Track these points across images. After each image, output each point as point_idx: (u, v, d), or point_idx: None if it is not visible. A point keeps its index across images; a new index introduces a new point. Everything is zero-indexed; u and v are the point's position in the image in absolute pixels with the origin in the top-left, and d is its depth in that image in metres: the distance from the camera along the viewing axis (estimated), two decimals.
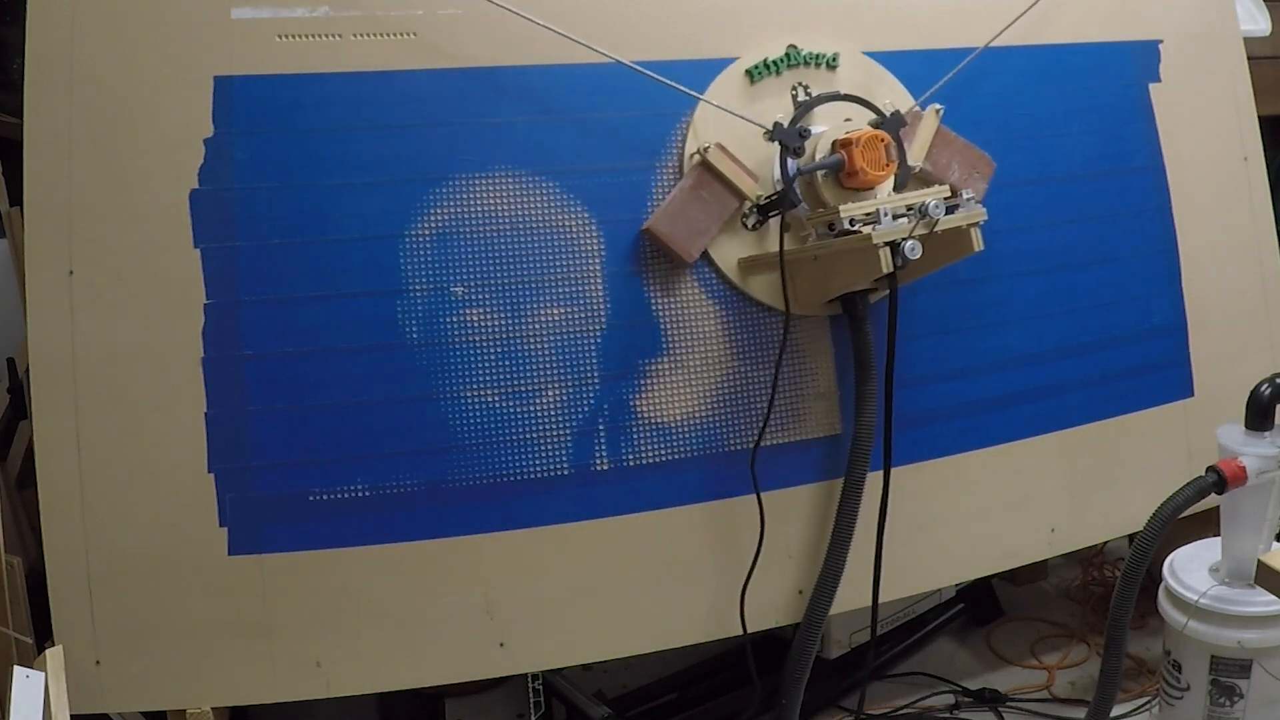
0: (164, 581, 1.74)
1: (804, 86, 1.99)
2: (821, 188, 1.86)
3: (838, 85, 2.00)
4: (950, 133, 2.04)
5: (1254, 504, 1.86)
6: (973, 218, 1.79)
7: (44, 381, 1.71)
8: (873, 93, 2.00)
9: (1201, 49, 2.31)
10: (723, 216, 1.90)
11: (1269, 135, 2.41)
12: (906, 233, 1.73)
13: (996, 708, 2.22)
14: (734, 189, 1.90)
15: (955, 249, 1.81)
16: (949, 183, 2.00)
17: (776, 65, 1.98)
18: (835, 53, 2.01)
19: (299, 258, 1.78)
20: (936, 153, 2.02)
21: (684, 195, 1.89)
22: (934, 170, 2.01)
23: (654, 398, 1.90)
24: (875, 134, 1.82)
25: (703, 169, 1.89)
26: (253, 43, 1.77)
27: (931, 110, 2.02)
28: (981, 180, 2.06)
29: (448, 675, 1.86)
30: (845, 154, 1.81)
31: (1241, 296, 2.31)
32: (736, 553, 1.93)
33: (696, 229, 1.89)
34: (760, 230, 1.94)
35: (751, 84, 1.96)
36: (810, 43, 2.00)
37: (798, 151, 1.88)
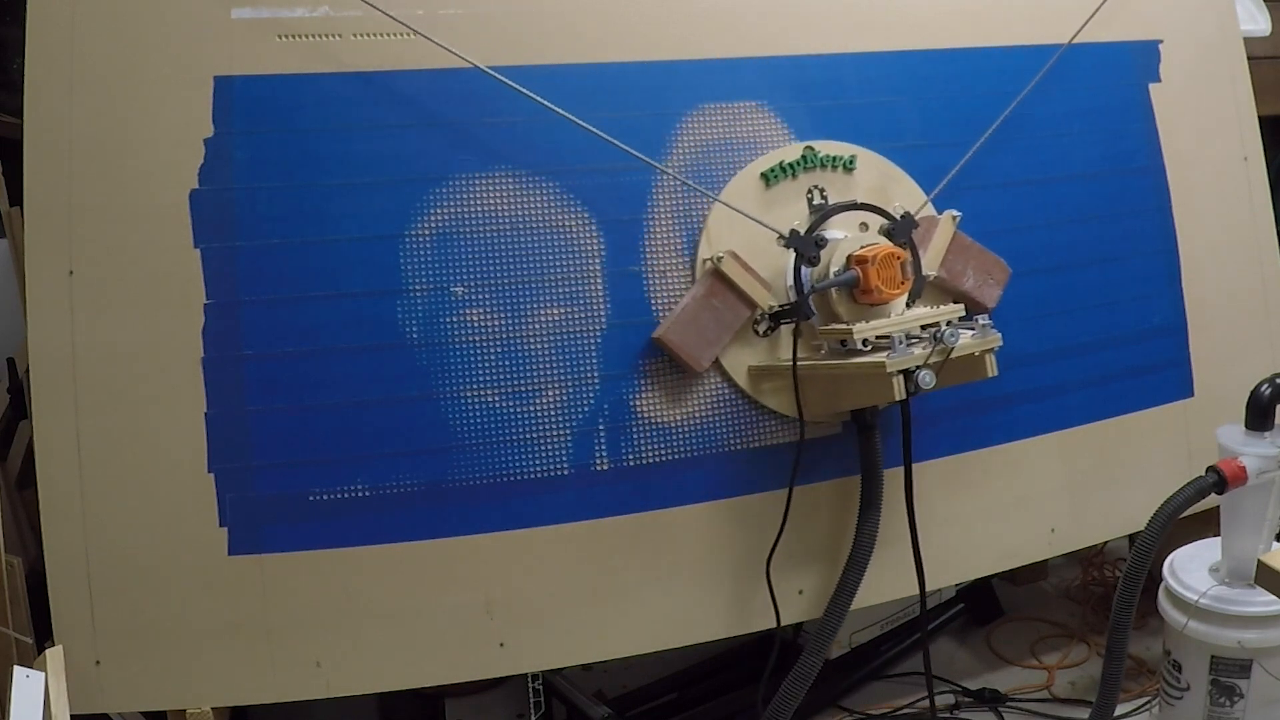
0: (164, 581, 1.74)
1: (820, 190, 1.98)
2: (835, 302, 1.85)
3: (854, 187, 2.00)
4: (965, 238, 2.03)
5: (1254, 504, 1.86)
6: (987, 344, 1.78)
7: (44, 381, 1.71)
8: (888, 193, 2.00)
9: (1201, 49, 2.31)
10: (734, 326, 1.89)
11: (1269, 135, 2.41)
12: (921, 360, 1.72)
13: (996, 708, 2.22)
14: (747, 299, 1.89)
15: (969, 371, 1.81)
16: (963, 290, 2.01)
17: (793, 168, 1.97)
18: (853, 155, 2.00)
19: (299, 258, 1.78)
20: (951, 259, 2.01)
21: (696, 304, 1.87)
22: (948, 277, 2.00)
23: (654, 398, 1.90)
24: (891, 251, 1.81)
25: (715, 278, 1.88)
26: (253, 43, 1.77)
27: (948, 216, 2.01)
28: (996, 286, 2.05)
29: (448, 675, 1.86)
30: (860, 271, 1.80)
31: (1241, 296, 2.31)
32: (736, 552, 1.94)
33: (708, 338, 1.87)
34: (771, 336, 1.94)
35: (767, 187, 1.95)
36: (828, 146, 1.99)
37: (813, 260, 1.87)
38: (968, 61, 2.11)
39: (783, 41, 2.01)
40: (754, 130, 1.97)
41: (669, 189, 1.92)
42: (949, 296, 2.01)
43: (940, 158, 2.07)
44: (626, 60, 1.92)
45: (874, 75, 2.06)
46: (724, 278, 1.88)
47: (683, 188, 1.92)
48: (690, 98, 1.94)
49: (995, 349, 1.79)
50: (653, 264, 1.91)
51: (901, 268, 1.82)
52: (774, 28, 2.01)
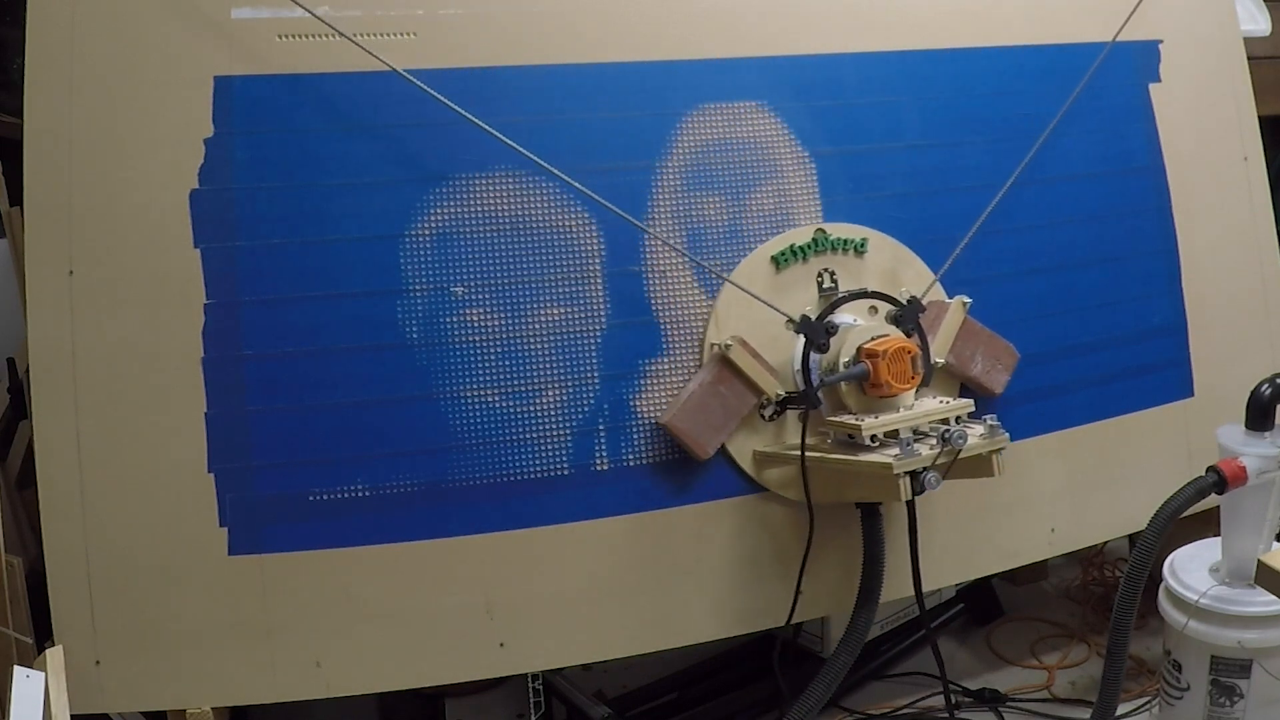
0: (164, 581, 1.73)
1: (830, 273, 1.97)
2: (844, 392, 1.85)
3: (865, 269, 1.99)
4: (975, 324, 2.03)
5: (1254, 504, 1.86)
6: (995, 445, 1.78)
7: (44, 381, 1.71)
8: (898, 276, 2.00)
9: (1201, 49, 2.31)
10: (741, 413, 1.89)
11: (1269, 135, 2.41)
12: (928, 462, 1.72)
13: (996, 708, 2.22)
14: (754, 387, 1.88)
15: (974, 469, 1.81)
16: (972, 375, 2.01)
17: (803, 251, 1.96)
18: (864, 238, 1.99)
19: (299, 258, 1.78)
20: (960, 345, 2.01)
21: (703, 391, 1.87)
22: (957, 363, 2.00)
23: (654, 398, 1.90)
24: (902, 346, 1.81)
25: (722, 365, 1.87)
26: (253, 43, 1.77)
27: (958, 302, 2.01)
28: (1004, 372, 2.05)
29: (448, 675, 1.86)
30: (871, 365, 1.80)
31: (1241, 296, 2.31)
32: (736, 552, 1.94)
33: (714, 425, 1.87)
34: (778, 420, 1.93)
35: (777, 271, 1.94)
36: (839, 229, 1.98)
37: (823, 347, 1.87)
38: (969, 61, 2.11)
39: (783, 41, 2.01)
40: (754, 131, 1.97)
41: (669, 189, 1.92)
42: (957, 382, 2.02)
43: (941, 158, 2.07)
44: (626, 60, 1.92)
45: (875, 75, 2.06)
46: (732, 365, 1.87)
47: (683, 188, 1.92)
48: (690, 98, 1.94)
49: (1003, 449, 1.80)
50: (653, 264, 1.91)
51: (912, 362, 1.82)
52: (774, 28, 2.01)
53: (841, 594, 1.98)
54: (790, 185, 1.99)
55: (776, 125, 1.99)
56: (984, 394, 2.03)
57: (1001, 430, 1.80)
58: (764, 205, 1.97)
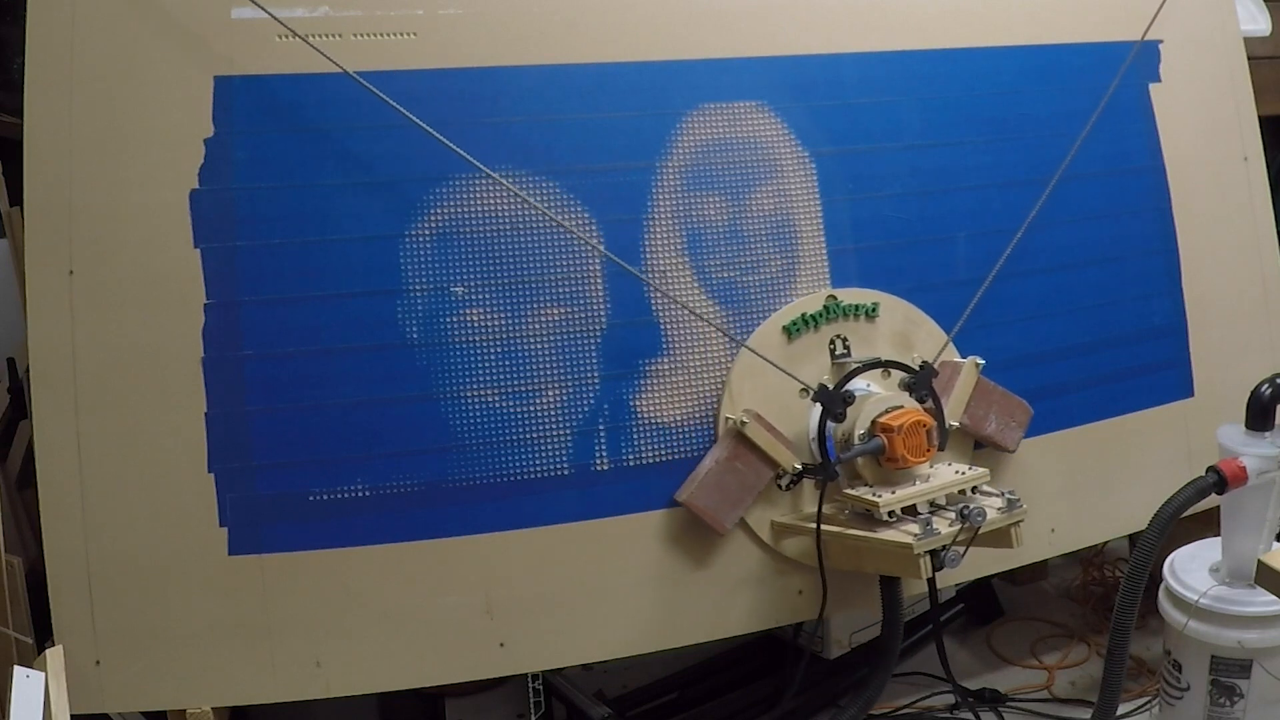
0: (164, 581, 1.73)
1: (843, 339, 1.97)
2: (860, 465, 1.85)
3: (877, 333, 1.99)
4: (988, 383, 2.03)
5: (1254, 504, 1.86)
6: (1014, 519, 1.79)
7: (44, 381, 1.71)
8: (910, 338, 2.01)
9: (1201, 49, 2.31)
10: (758, 487, 1.89)
11: (1269, 135, 2.41)
12: (948, 540, 1.72)
13: (996, 708, 2.22)
14: (771, 461, 1.89)
15: (994, 541, 1.81)
16: (986, 434, 2.01)
17: (815, 320, 1.96)
18: (875, 303, 1.99)
19: (299, 258, 1.78)
20: (974, 405, 2.01)
21: (719, 467, 1.87)
22: (971, 423, 2.01)
23: (654, 398, 1.90)
24: (918, 420, 1.81)
25: (738, 441, 1.87)
26: (253, 43, 1.77)
27: (970, 363, 2.01)
28: (1018, 429, 2.05)
29: (448, 675, 1.86)
30: (886, 439, 1.80)
31: (1241, 296, 2.31)
32: (737, 553, 1.93)
33: (731, 500, 1.87)
34: (794, 489, 1.94)
35: (789, 341, 1.94)
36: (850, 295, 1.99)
37: (840, 417, 1.87)
38: (969, 61, 2.11)
39: (783, 41, 2.01)
40: (754, 131, 1.97)
41: (669, 189, 1.92)
42: (970, 439, 2.03)
43: (941, 158, 2.07)
44: (626, 60, 1.92)
45: (875, 75, 2.06)
46: (748, 440, 1.87)
47: (684, 188, 1.92)
48: (690, 98, 1.94)
49: (1021, 522, 1.80)
50: (653, 264, 1.91)
51: (927, 435, 1.82)
52: (774, 27, 2.01)
53: (843, 594, 1.97)
54: (790, 186, 1.99)
55: (776, 125, 1.99)
56: (999, 450, 2.04)
57: (1020, 504, 1.80)
58: (764, 207, 1.97)
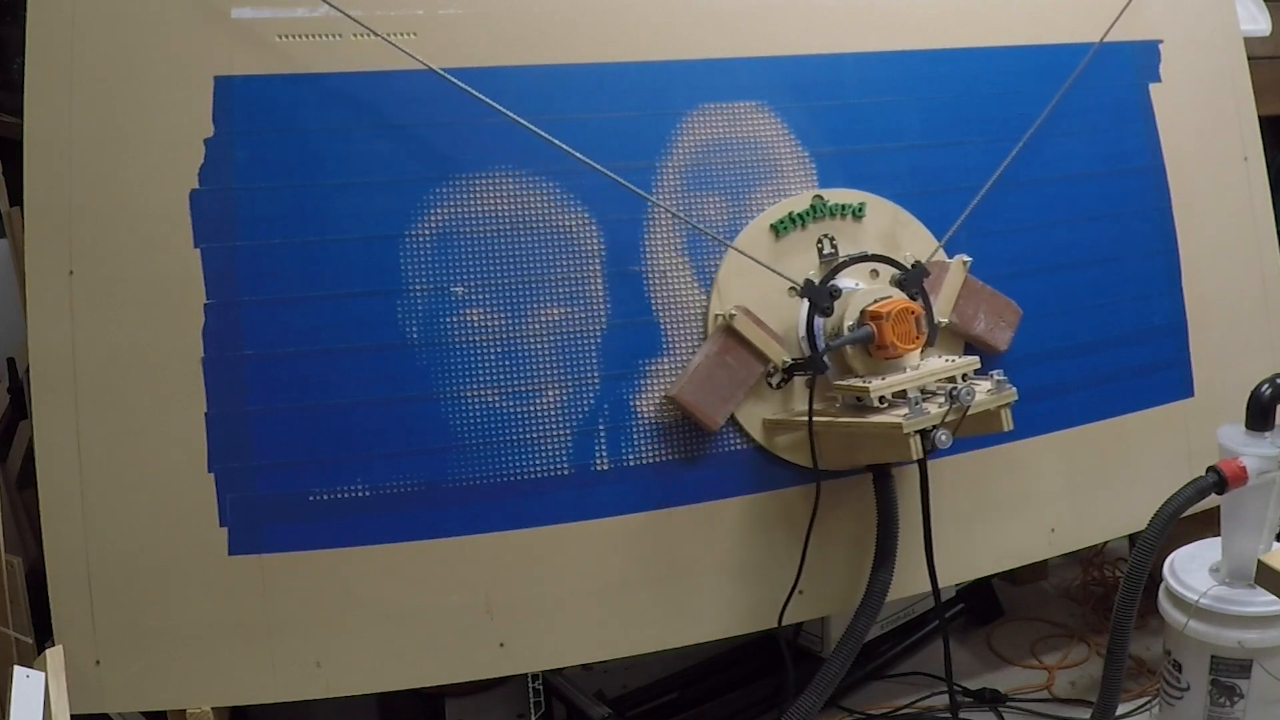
0: (164, 581, 1.73)
1: (830, 239, 1.97)
2: (850, 355, 1.85)
3: (864, 234, 1.99)
4: (976, 282, 2.03)
5: (1254, 504, 1.85)
6: (1003, 400, 1.79)
7: (44, 381, 1.71)
8: (898, 239, 2.00)
9: (1201, 49, 2.31)
10: (749, 382, 1.89)
11: (1269, 135, 2.41)
12: (937, 420, 1.72)
13: (996, 708, 2.22)
14: (760, 355, 1.89)
15: (984, 425, 1.81)
16: (975, 334, 2.01)
17: (802, 218, 1.96)
18: (862, 202, 1.99)
19: (299, 258, 1.78)
20: (963, 304, 2.01)
21: (709, 362, 1.87)
22: (960, 322, 2.00)
23: (654, 398, 1.90)
24: (906, 306, 1.81)
25: (728, 335, 1.87)
26: (253, 43, 1.77)
27: (958, 261, 2.01)
28: (1008, 329, 2.05)
29: (448, 675, 1.86)
30: (875, 327, 1.81)
31: (1241, 296, 2.31)
32: (736, 552, 1.94)
33: (722, 396, 1.87)
34: (785, 388, 1.93)
35: (776, 239, 1.95)
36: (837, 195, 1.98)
37: (827, 311, 1.87)
38: (970, 61, 2.11)
39: (783, 41, 2.01)
40: (754, 131, 1.97)
41: (669, 189, 1.92)
42: (961, 340, 2.02)
43: (941, 158, 2.07)
44: (627, 60, 1.92)
45: (875, 75, 2.06)
46: (737, 334, 1.87)
47: (683, 188, 1.92)
48: (691, 97, 1.94)
49: (1011, 403, 1.80)
50: (653, 264, 1.91)
51: (916, 322, 1.82)
52: (774, 28, 2.01)
53: (844, 594, 1.98)
54: (790, 186, 1.98)
55: (776, 125, 1.99)
56: (989, 352, 2.03)
57: (1009, 385, 1.80)
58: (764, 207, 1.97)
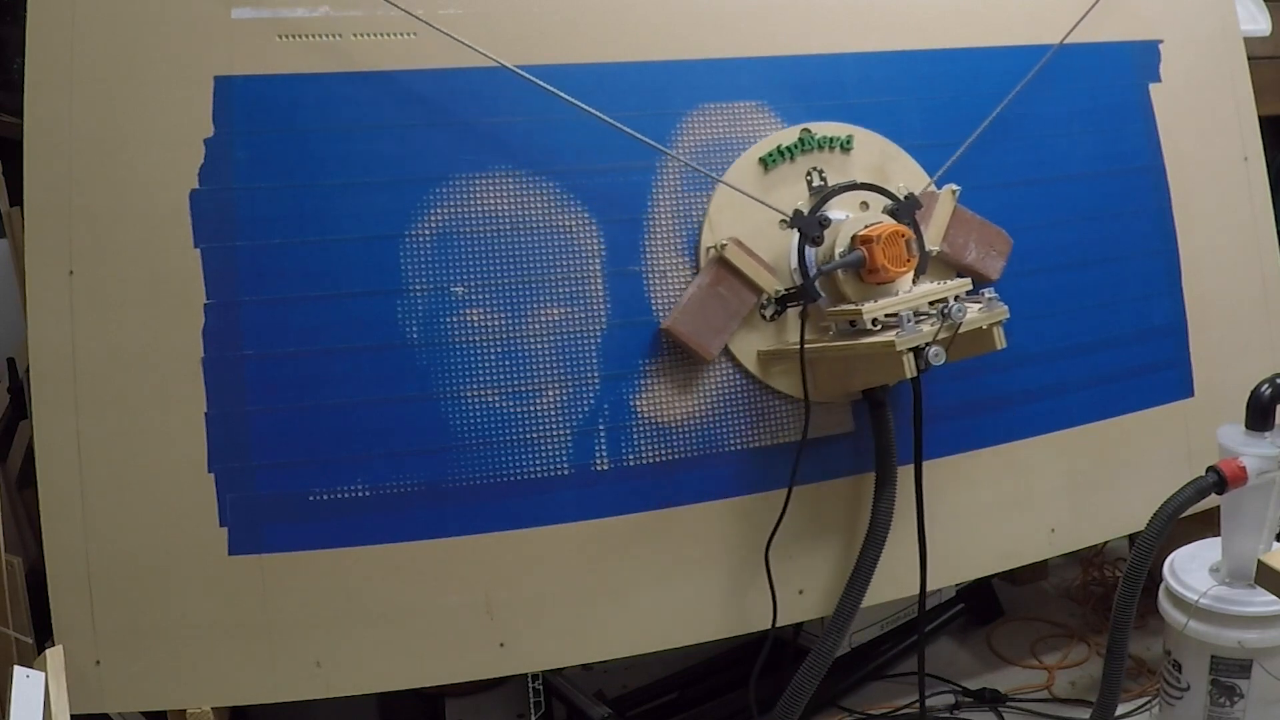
0: (164, 581, 1.74)
1: (819, 171, 1.98)
2: (842, 282, 1.86)
3: (852, 167, 2.00)
4: (966, 212, 2.03)
5: (1254, 504, 1.85)
6: (994, 317, 1.79)
7: (44, 381, 1.71)
8: (887, 172, 2.00)
9: (1201, 49, 2.31)
10: (742, 313, 1.90)
11: (1269, 135, 2.41)
12: (930, 338, 1.72)
13: (996, 708, 2.22)
14: (753, 285, 1.89)
15: (977, 344, 1.81)
16: (966, 263, 2.01)
17: (790, 151, 1.96)
18: (849, 135, 2.00)
19: (299, 258, 1.78)
20: (953, 233, 2.01)
21: (702, 293, 1.88)
22: (951, 251, 2.01)
23: (654, 398, 1.90)
24: (896, 229, 1.82)
25: (720, 266, 1.88)
26: (253, 43, 1.77)
27: (947, 191, 2.01)
28: (999, 258, 2.05)
29: (448, 675, 1.86)
30: (866, 250, 1.81)
31: (1241, 296, 2.31)
32: (737, 552, 1.94)
33: (715, 326, 1.88)
34: (779, 320, 1.94)
35: (766, 172, 1.95)
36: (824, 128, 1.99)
37: (817, 240, 1.87)
38: (969, 61, 2.11)
39: (783, 41, 2.01)
40: (754, 130, 1.97)
41: (669, 188, 1.92)
42: (952, 270, 2.02)
43: (941, 157, 2.07)
44: (627, 60, 1.92)
45: (875, 75, 2.06)
46: (729, 265, 1.88)
47: (683, 188, 1.92)
48: (691, 97, 1.94)
49: (1003, 321, 1.80)
50: (653, 264, 1.91)
51: (906, 245, 1.82)
52: (774, 27, 2.01)
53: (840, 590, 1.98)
54: None
55: (777, 125, 1.99)
56: (980, 281, 2.03)
57: (1000, 302, 1.80)
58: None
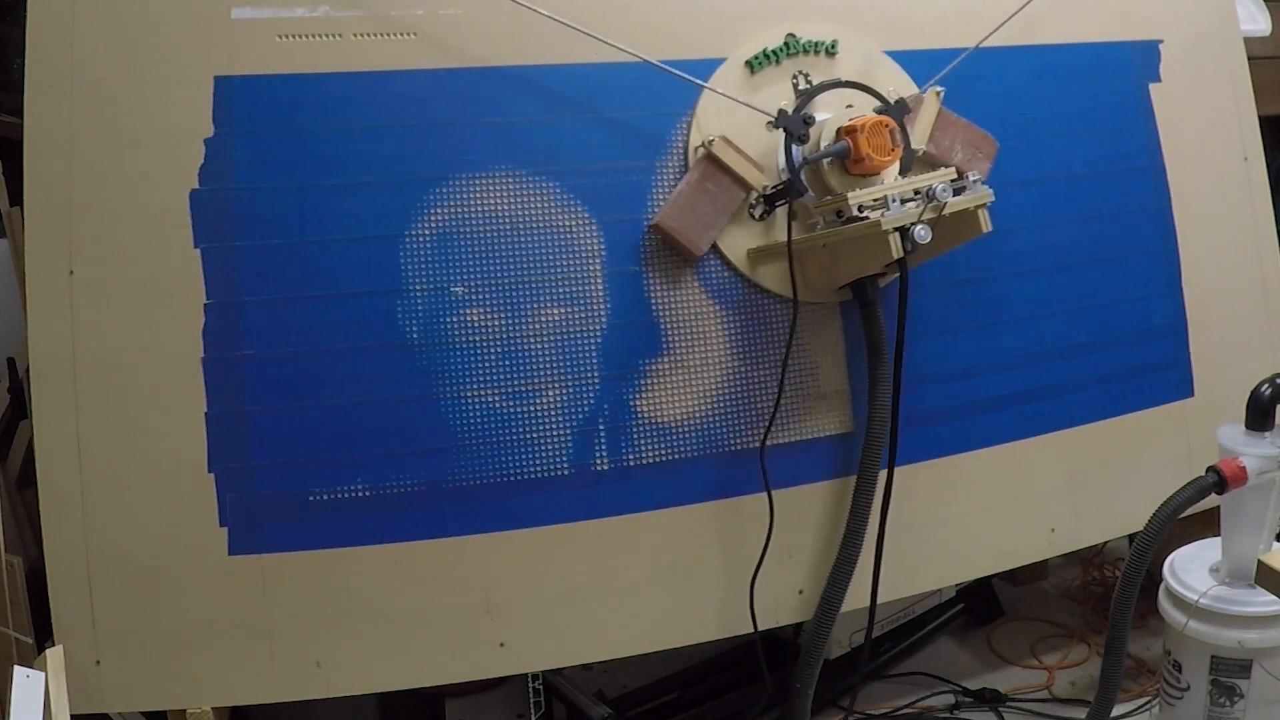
0: (164, 581, 1.74)
1: (804, 75, 1.99)
2: (828, 175, 1.86)
3: (838, 72, 2.01)
4: (952, 114, 2.05)
5: (1254, 504, 1.85)
6: (979, 199, 1.79)
7: (44, 381, 1.71)
8: (873, 78, 2.00)
9: (1202, 49, 2.31)
10: (730, 209, 1.91)
11: (1269, 135, 2.41)
12: (915, 218, 1.73)
13: (996, 708, 2.22)
14: (740, 181, 1.91)
15: (964, 230, 1.81)
16: (953, 164, 2.00)
17: (776, 54, 1.98)
18: (834, 39, 2.01)
19: (299, 258, 1.78)
20: (939, 135, 2.03)
21: (690, 189, 1.89)
22: (937, 153, 2.02)
23: (654, 398, 1.90)
24: (880, 120, 1.83)
25: (708, 162, 1.90)
26: (253, 43, 1.77)
27: (932, 93, 2.02)
28: (985, 160, 2.06)
29: (448, 675, 1.86)
30: (850, 141, 1.82)
31: (1241, 296, 2.31)
32: (737, 552, 1.94)
33: (704, 222, 1.89)
34: (768, 220, 1.95)
35: (752, 74, 1.96)
36: (809, 31, 2.00)
37: (802, 139, 1.89)
38: (970, 61, 2.11)
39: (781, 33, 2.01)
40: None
41: (669, 188, 1.92)
42: None
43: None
44: (626, 60, 1.92)
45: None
46: (717, 161, 1.89)
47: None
48: (691, 97, 1.94)
49: (988, 204, 1.79)
50: (653, 264, 1.91)
51: (890, 135, 1.83)
52: (774, 28, 2.01)
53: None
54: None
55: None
56: None
57: (985, 186, 1.80)
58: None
